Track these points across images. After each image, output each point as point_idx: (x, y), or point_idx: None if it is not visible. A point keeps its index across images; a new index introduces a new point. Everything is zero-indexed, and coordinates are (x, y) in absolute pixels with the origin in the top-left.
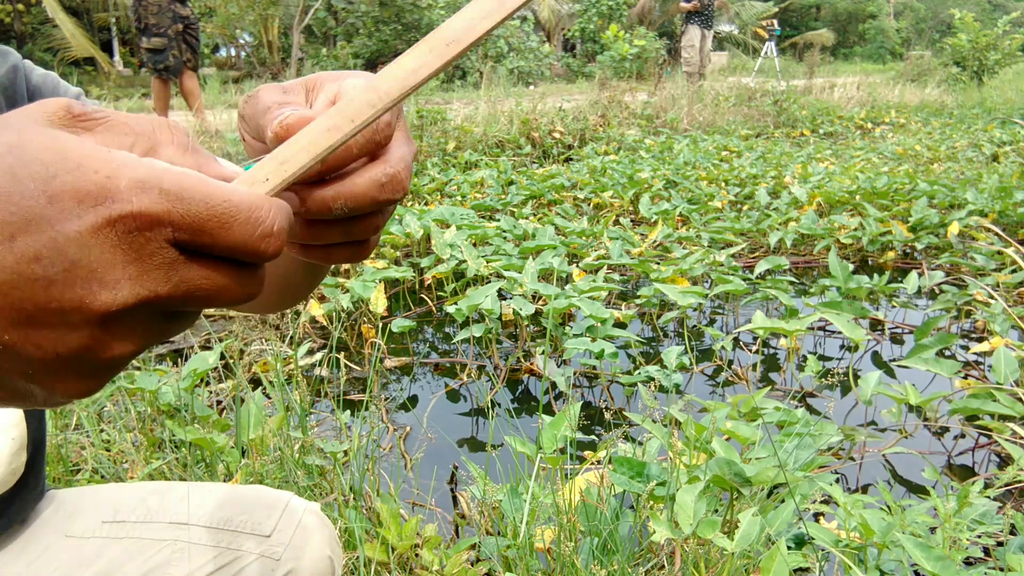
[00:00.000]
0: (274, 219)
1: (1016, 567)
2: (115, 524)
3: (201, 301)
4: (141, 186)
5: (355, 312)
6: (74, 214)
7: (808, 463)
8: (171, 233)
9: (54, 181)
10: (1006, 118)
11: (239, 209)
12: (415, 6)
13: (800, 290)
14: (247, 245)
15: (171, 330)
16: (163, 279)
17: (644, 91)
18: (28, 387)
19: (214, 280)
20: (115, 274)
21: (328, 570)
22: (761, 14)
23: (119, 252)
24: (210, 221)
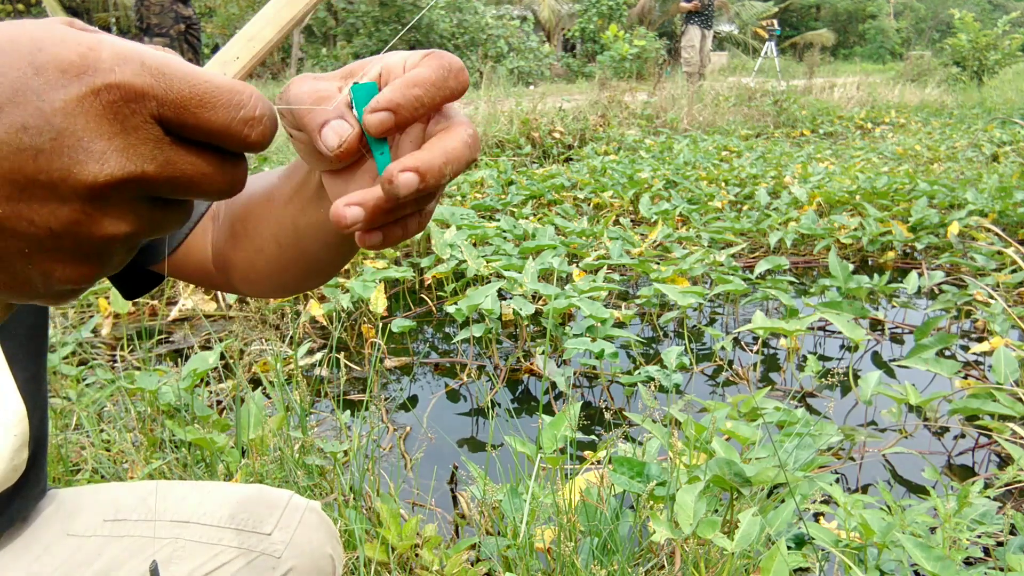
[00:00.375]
0: (255, 104)
1: (1016, 567)
2: (116, 523)
3: (186, 187)
4: (123, 58)
5: (355, 312)
6: (59, 84)
7: (808, 463)
8: (155, 108)
9: (40, 54)
10: (1006, 118)
11: (220, 91)
12: (415, 6)
13: (800, 290)
14: (230, 129)
15: (162, 220)
16: (149, 156)
17: (644, 91)
18: (27, 270)
19: (198, 166)
20: (101, 145)
21: (329, 568)
22: (761, 14)
23: (104, 123)
24: (192, 100)
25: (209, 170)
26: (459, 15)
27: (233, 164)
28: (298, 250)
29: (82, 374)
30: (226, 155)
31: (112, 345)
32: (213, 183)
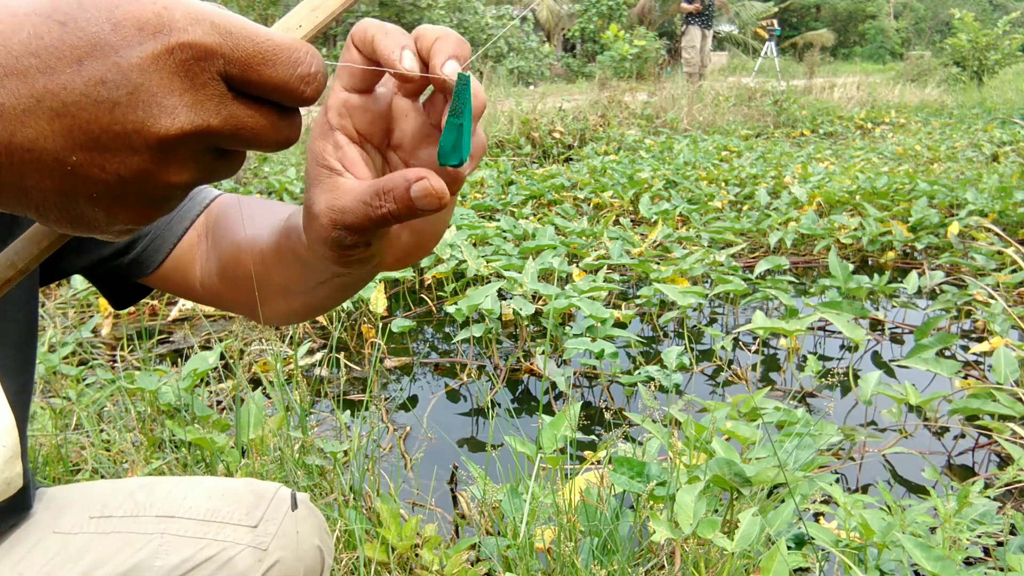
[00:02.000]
0: (311, 62)
1: (1016, 567)
2: (102, 519)
3: (246, 139)
4: (195, 18)
5: (355, 312)
6: (136, 41)
7: (808, 463)
8: (222, 66)
9: (117, 10)
10: (1006, 118)
11: (281, 48)
12: (415, 6)
13: (800, 290)
14: (288, 84)
15: (219, 169)
16: (214, 111)
17: (644, 91)
18: (93, 211)
19: (257, 119)
20: (173, 100)
21: (317, 560)
22: (761, 14)
23: (176, 80)
24: (256, 57)
25: (268, 124)
26: (459, 15)
27: (290, 118)
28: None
29: (82, 374)
30: (283, 110)
31: (112, 345)
32: (271, 136)
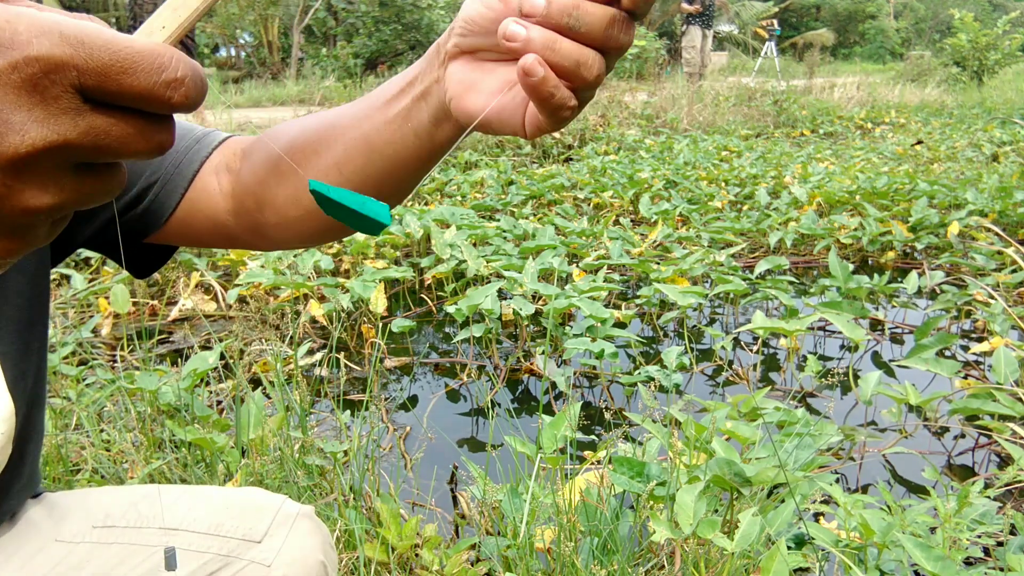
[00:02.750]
0: (177, 66)
1: (1016, 567)
2: (105, 529)
3: (112, 150)
4: (41, 30)
5: (355, 312)
6: None
7: (808, 463)
8: (76, 78)
9: None
10: (1006, 118)
11: (142, 55)
12: (415, 6)
13: (800, 290)
14: (153, 92)
15: (88, 187)
16: (70, 124)
17: (644, 91)
18: None
19: (121, 128)
20: (21, 117)
21: (321, 573)
22: (761, 14)
23: (24, 96)
24: (113, 67)
25: (134, 131)
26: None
27: (159, 126)
28: (363, 175)
29: (82, 374)
30: (152, 117)
31: (112, 345)
32: (140, 144)
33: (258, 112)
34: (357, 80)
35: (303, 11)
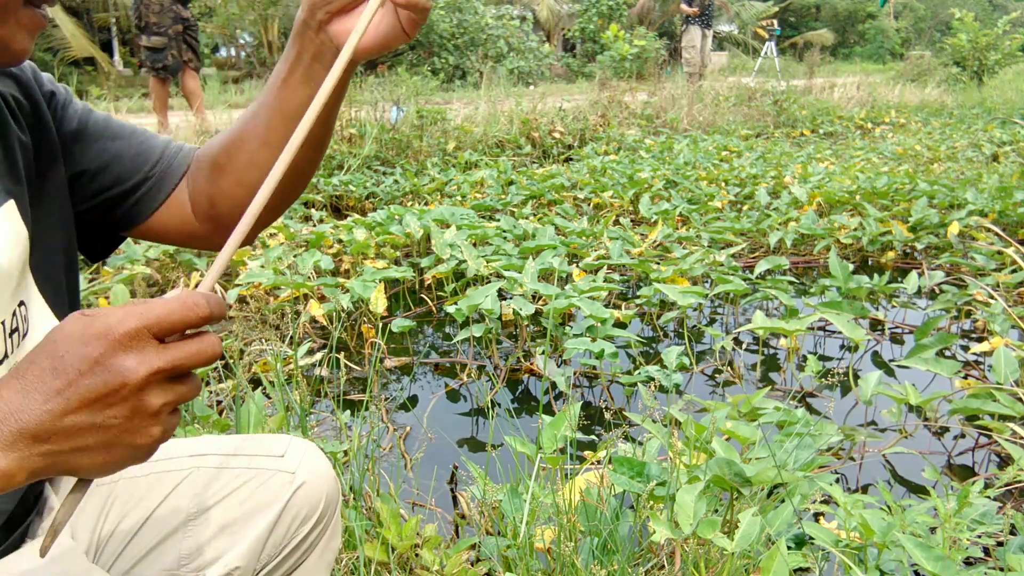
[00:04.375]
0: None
1: (1016, 567)
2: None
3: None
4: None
5: (355, 312)
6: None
7: (808, 463)
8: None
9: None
10: (1006, 118)
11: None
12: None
13: (800, 290)
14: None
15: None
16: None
17: (644, 91)
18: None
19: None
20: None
21: (335, 487)
22: (761, 14)
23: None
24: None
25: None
26: (459, 15)
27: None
28: (288, 137)
29: None
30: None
31: None
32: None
33: None
34: (357, 80)
35: None
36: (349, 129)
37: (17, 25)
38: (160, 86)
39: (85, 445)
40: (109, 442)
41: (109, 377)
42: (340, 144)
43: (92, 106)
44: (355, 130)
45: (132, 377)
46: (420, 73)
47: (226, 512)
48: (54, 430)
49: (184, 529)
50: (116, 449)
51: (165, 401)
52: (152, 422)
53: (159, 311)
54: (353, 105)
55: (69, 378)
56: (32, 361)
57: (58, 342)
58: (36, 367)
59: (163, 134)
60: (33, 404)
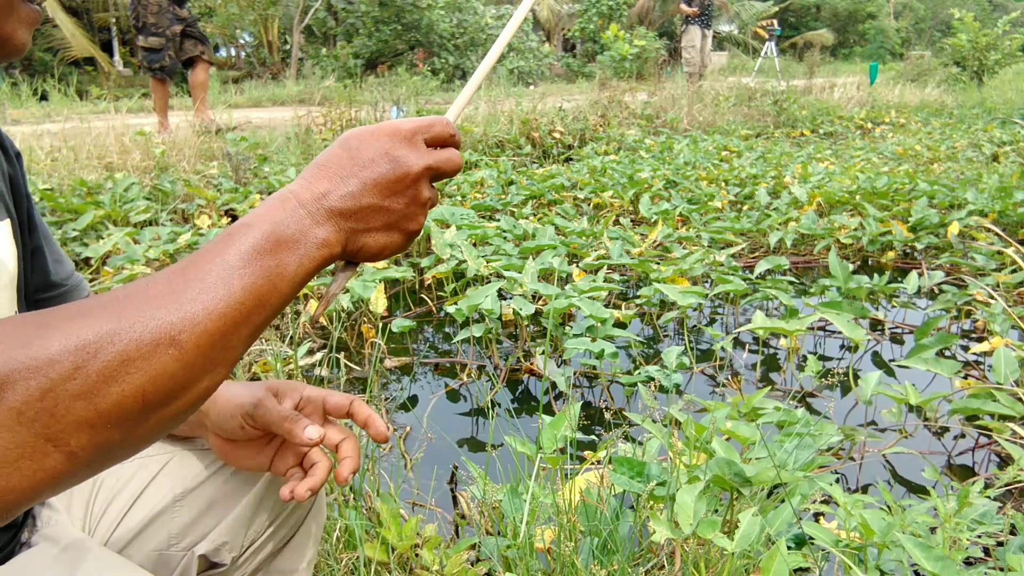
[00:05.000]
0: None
1: (1016, 567)
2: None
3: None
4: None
5: (355, 312)
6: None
7: (808, 463)
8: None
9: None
10: (1006, 118)
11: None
12: (415, 6)
13: (800, 290)
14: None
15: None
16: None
17: (644, 91)
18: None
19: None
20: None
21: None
22: (761, 14)
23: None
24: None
25: (448, 154)
26: (459, 15)
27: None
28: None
29: None
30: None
31: None
32: (454, 161)
33: (258, 112)
34: (357, 80)
35: (303, 11)
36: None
37: (19, 20)
38: (160, 86)
39: (373, 226)
40: (389, 224)
41: (396, 166)
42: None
43: (92, 106)
44: None
45: (413, 168)
46: (420, 73)
47: (212, 490)
48: (354, 208)
49: (172, 509)
50: (393, 232)
51: (429, 196)
52: (421, 211)
53: (429, 122)
54: (353, 105)
55: (364, 165)
56: (330, 155)
57: (351, 139)
58: (336, 159)
59: (163, 134)
60: (338, 186)
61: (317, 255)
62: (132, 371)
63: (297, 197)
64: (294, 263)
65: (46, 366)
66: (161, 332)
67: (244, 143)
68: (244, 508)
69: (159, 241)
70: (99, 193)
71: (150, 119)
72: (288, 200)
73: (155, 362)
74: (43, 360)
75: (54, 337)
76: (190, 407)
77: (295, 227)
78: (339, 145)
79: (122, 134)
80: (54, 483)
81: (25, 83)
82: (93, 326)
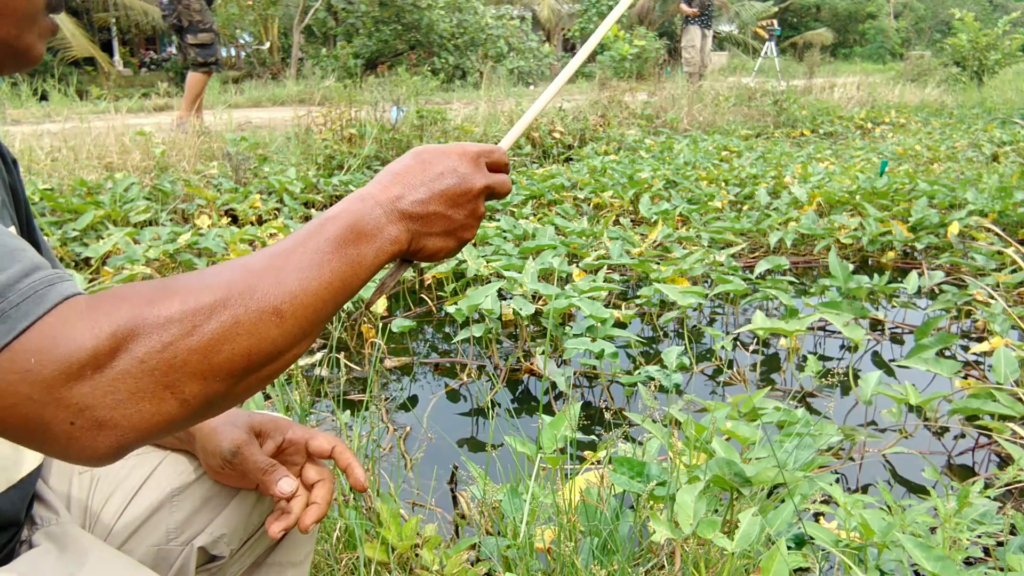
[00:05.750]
0: (503, 154)
1: (1016, 567)
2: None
3: (499, 189)
4: (474, 147)
5: (355, 312)
6: (458, 158)
7: (808, 463)
8: (483, 162)
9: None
10: (1006, 118)
11: (499, 151)
12: (415, 6)
13: (800, 290)
14: (502, 162)
15: (493, 197)
16: (488, 178)
17: (644, 91)
18: (454, 241)
19: (500, 177)
20: (477, 176)
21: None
22: (761, 14)
23: (475, 168)
24: (492, 156)
25: (503, 179)
26: (459, 15)
27: (504, 177)
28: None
29: None
30: (502, 172)
31: None
32: (505, 184)
33: (258, 112)
34: (357, 80)
35: (303, 11)
36: (349, 129)
37: (38, 33)
38: (203, 81)
39: (434, 231)
40: (448, 231)
41: (462, 182)
42: (340, 144)
43: (92, 106)
44: (355, 130)
45: (476, 185)
46: (420, 73)
47: (208, 485)
48: (422, 213)
49: (169, 504)
50: (450, 239)
51: (483, 212)
52: (476, 224)
53: (491, 149)
54: (353, 105)
55: (434, 177)
56: (404, 165)
57: (424, 153)
58: (409, 168)
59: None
60: (410, 192)
61: (389, 249)
62: (241, 333)
63: (375, 198)
64: (371, 254)
65: (168, 323)
66: (266, 303)
67: (244, 143)
68: (241, 502)
69: (159, 241)
70: (99, 193)
71: (150, 119)
72: (367, 199)
73: (260, 327)
74: (166, 318)
75: (176, 300)
76: (282, 370)
77: (373, 223)
78: (412, 157)
79: (122, 134)
80: (165, 426)
81: (25, 83)
82: (209, 293)
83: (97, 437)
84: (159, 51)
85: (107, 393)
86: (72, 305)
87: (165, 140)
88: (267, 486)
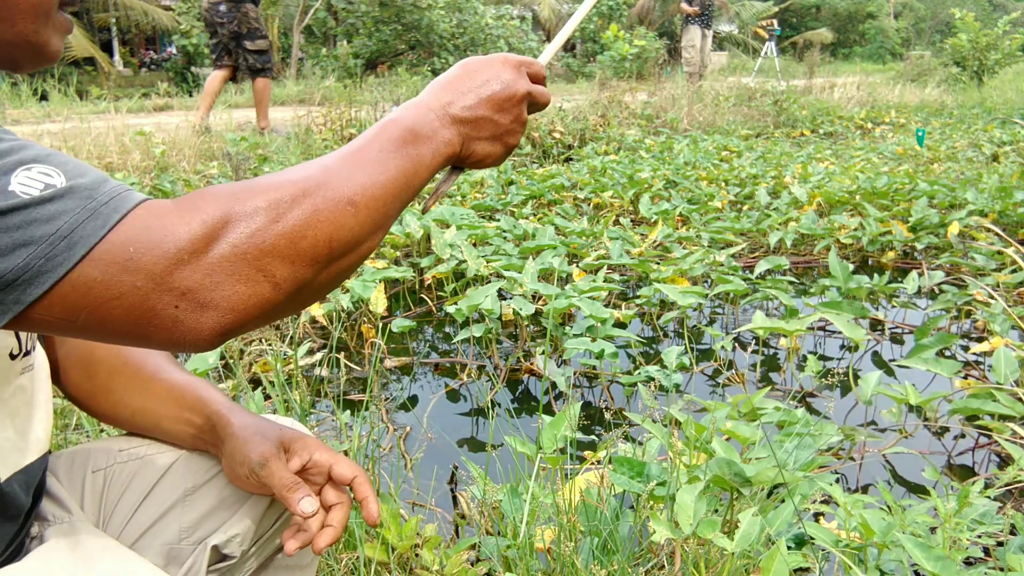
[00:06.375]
0: (542, 69)
1: (1016, 567)
2: (126, 451)
3: (540, 97)
4: (517, 58)
5: (355, 312)
6: (502, 66)
7: (808, 463)
8: (525, 71)
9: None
10: (1006, 118)
11: (539, 64)
12: (415, 6)
13: (800, 290)
14: (541, 74)
15: (529, 111)
16: (530, 86)
17: (644, 91)
18: (502, 145)
19: (540, 87)
20: (521, 83)
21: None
22: (761, 14)
23: (519, 75)
24: (533, 68)
25: (543, 88)
26: (459, 15)
27: (544, 89)
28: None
29: None
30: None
31: None
32: (545, 94)
33: None
34: (357, 80)
35: (303, 11)
36: (349, 129)
37: (54, 28)
38: (268, 86)
39: (483, 135)
40: (495, 136)
41: (506, 87)
42: (340, 144)
43: (92, 106)
44: (355, 130)
45: (520, 91)
46: (420, 73)
47: (222, 485)
48: (471, 118)
49: (182, 504)
50: (497, 144)
51: (525, 118)
52: (520, 129)
53: (531, 60)
54: (353, 105)
55: (481, 84)
56: (452, 75)
57: (470, 63)
58: (457, 78)
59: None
60: (459, 99)
61: (444, 151)
62: (322, 221)
63: (427, 105)
64: (428, 154)
65: (256, 213)
66: (341, 194)
67: (244, 143)
68: (255, 503)
69: None
70: None
71: (150, 119)
72: (420, 107)
73: (338, 216)
74: (253, 208)
75: (260, 194)
76: (359, 262)
77: (428, 127)
78: (459, 67)
79: (122, 134)
80: (261, 307)
81: (25, 83)
82: (290, 186)
83: (201, 319)
84: (159, 51)
85: (206, 275)
86: (157, 203)
87: (165, 140)
88: (290, 503)
